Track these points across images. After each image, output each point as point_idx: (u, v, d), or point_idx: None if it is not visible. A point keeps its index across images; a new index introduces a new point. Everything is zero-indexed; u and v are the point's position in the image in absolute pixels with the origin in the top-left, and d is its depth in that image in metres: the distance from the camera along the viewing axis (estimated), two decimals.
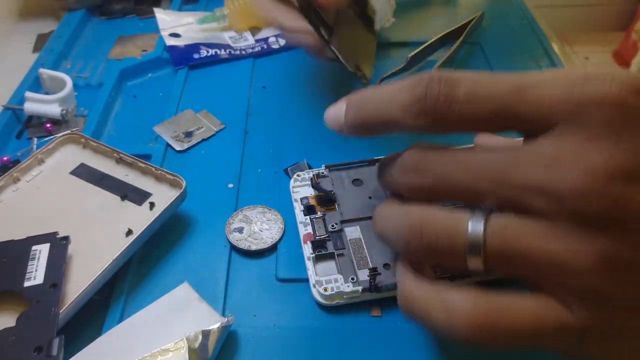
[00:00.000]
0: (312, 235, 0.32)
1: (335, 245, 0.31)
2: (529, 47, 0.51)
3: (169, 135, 0.41)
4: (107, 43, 0.53)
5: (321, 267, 0.31)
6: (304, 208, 0.34)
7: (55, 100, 0.43)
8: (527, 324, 0.21)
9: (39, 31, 0.59)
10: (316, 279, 0.30)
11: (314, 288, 0.30)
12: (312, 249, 0.31)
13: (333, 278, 0.30)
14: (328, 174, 0.35)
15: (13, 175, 0.35)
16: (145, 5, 0.58)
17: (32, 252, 0.30)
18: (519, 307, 0.21)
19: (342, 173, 0.35)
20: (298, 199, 0.35)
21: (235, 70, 0.49)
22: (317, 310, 0.30)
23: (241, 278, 0.32)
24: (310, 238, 0.32)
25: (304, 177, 0.36)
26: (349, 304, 0.30)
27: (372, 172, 0.35)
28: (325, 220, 0.33)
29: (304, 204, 0.34)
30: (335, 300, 0.30)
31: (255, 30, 0.53)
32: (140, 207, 0.34)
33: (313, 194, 0.35)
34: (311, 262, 0.31)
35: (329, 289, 0.30)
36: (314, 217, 0.33)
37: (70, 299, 0.28)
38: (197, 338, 0.26)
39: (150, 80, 0.49)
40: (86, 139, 0.38)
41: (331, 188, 0.34)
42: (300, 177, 0.36)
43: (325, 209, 0.34)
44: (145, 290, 0.31)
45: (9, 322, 0.27)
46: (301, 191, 0.35)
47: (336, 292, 0.29)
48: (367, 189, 0.34)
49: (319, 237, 0.32)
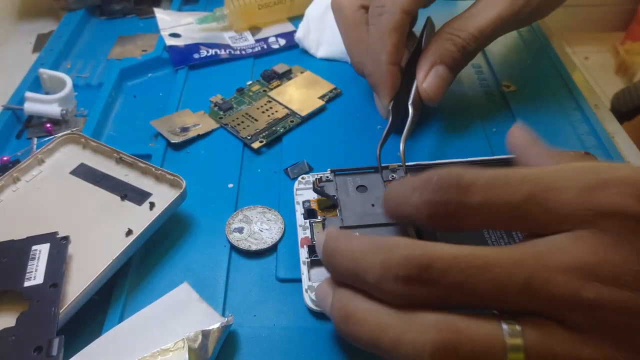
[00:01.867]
0: (310, 240, 0.32)
1: None
2: (528, 47, 0.51)
3: (165, 129, 0.41)
4: (107, 43, 0.53)
5: (315, 272, 0.31)
6: (305, 211, 0.34)
7: (55, 100, 0.43)
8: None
9: (39, 31, 0.59)
10: (309, 284, 0.30)
11: (306, 293, 0.30)
12: (307, 253, 0.31)
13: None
14: (333, 179, 0.35)
15: (13, 175, 0.35)
16: (145, 5, 0.58)
17: (32, 252, 0.30)
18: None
19: (347, 178, 0.35)
20: (300, 202, 0.34)
21: (235, 70, 0.49)
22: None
23: (241, 278, 0.32)
24: (307, 242, 0.32)
25: (308, 180, 0.36)
26: None
27: (377, 178, 0.35)
28: (325, 225, 0.33)
29: (306, 207, 0.34)
30: None
31: (255, 30, 0.53)
32: (140, 207, 0.34)
33: (316, 197, 0.35)
34: (306, 267, 0.31)
35: None
36: (314, 221, 0.33)
37: (70, 299, 0.28)
38: (197, 338, 0.26)
39: (150, 80, 0.49)
40: (86, 139, 0.38)
41: (334, 193, 0.34)
42: (304, 179, 0.36)
43: (326, 214, 0.33)
44: (145, 290, 0.31)
45: (9, 322, 0.27)
46: (305, 194, 0.35)
47: None
48: (371, 195, 0.34)
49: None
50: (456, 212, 0.22)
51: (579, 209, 0.20)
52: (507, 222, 0.22)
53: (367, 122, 0.42)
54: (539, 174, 0.22)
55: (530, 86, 0.46)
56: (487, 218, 0.22)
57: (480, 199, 0.21)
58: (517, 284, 0.20)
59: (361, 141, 0.40)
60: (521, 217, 0.21)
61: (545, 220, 0.21)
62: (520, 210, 0.21)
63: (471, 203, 0.21)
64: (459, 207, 0.22)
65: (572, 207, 0.20)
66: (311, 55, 0.50)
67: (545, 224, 0.21)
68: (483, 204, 0.21)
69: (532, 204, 0.21)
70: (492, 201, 0.21)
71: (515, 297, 0.20)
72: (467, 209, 0.22)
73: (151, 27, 0.55)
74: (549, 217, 0.21)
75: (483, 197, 0.21)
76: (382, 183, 0.35)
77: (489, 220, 0.22)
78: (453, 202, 0.22)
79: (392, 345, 0.21)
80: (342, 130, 0.42)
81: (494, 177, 0.22)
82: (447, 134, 0.41)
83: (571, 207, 0.20)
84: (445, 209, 0.22)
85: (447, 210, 0.22)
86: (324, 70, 0.48)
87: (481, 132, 0.41)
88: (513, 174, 0.22)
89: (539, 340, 0.20)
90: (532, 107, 0.43)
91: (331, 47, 0.49)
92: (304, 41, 0.50)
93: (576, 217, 0.20)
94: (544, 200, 0.21)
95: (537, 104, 0.44)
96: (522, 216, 0.21)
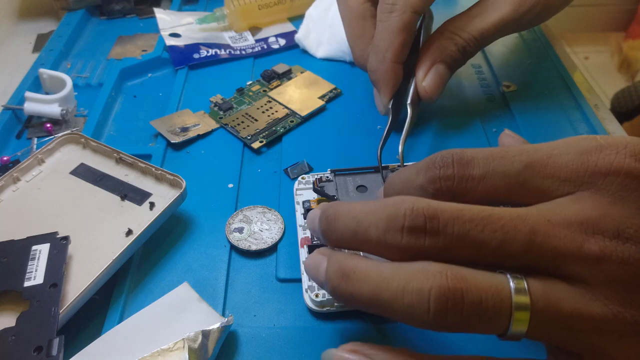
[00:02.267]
0: (310, 240, 0.32)
1: None
2: (529, 47, 0.51)
3: (165, 129, 0.41)
4: (107, 43, 0.53)
5: None
6: (305, 211, 0.34)
7: (55, 100, 0.43)
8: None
9: (39, 31, 0.59)
10: (309, 284, 0.30)
11: (306, 293, 0.30)
12: (307, 253, 0.31)
13: None
14: (333, 179, 0.35)
15: (13, 175, 0.35)
16: (145, 5, 0.58)
17: (32, 252, 0.30)
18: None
19: (347, 178, 0.35)
20: (300, 202, 0.34)
21: (235, 70, 0.49)
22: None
23: (241, 278, 0.32)
24: (307, 242, 0.32)
25: (308, 180, 0.36)
26: (340, 312, 0.29)
27: (377, 178, 0.35)
28: None
29: (305, 207, 0.34)
30: (325, 307, 0.29)
31: (255, 30, 0.53)
32: (140, 207, 0.34)
33: (316, 197, 0.35)
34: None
35: (320, 295, 0.29)
36: None
37: (70, 299, 0.28)
38: (197, 338, 0.26)
39: (150, 80, 0.49)
40: (86, 139, 0.38)
41: (334, 193, 0.34)
42: (304, 179, 0.36)
43: None
44: (145, 290, 0.31)
45: (9, 322, 0.27)
46: (305, 194, 0.35)
47: (327, 299, 0.29)
48: (371, 195, 0.34)
49: (316, 241, 0.32)
50: (459, 185, 0.23)
51: (577, 170, 0.21)
52: (508, 192, 0.22)
53: (367, 122, 0.42)
54: (536, 147, 0.23)
55: (530, 86, 0.46)
56: (489, 189, 0.23)
57: (481, 171, 0.22)
58: (521, 237, 0.20)
59: (361, 141, 0.40)
60: (521, 185, 0.22)
61: (545, 185, 0.22)
62: (519, 178, 0.22)
63: (473, 175, 0.23)
64: (461, 180, 0.23)
65: (570, 170, 0.21)
66: (311, 56, 0.50)
67: (546, 189, 0.22)
68: (484, 175, 0.22)
69: (531, 171, 0.22)
70: (493, 172, 0.22)
71: (519, 251, 0.20)
72: (469, 182, 0.23)
73: (151, 27, 0.55)
74: (548, 182, 0.22)
75: (484, 169, 0.22)
76: (382, 183, 0.35)
77: (490, 190, 0.23)
78: (456, 176, 0.23)
79: (395, 297, 0.20)
80: (342, 130, 0.42)
81: (493, 151, 0.23)
82: (447, 134, 0.41)
83: (569, 170, 0.21)
84: (449, 184, 0.23)
85: (451, 184, 0.23)
86: (324, 70, 0.48)
87: (481, 132, 0.41)
88: (511, 148, 0.23)
89: (545, 295, 0.20)
90: (532, 107, 0.43)
91: (331, 47, 0.49)
92: (304, 41, 0.50)
93: (575, 180, 0.21)
94: (543, 167, 0.22)
95: (537, 104, 0.44)
96: (521, 184, 0.22)
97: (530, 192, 0.22)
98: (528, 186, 0.22)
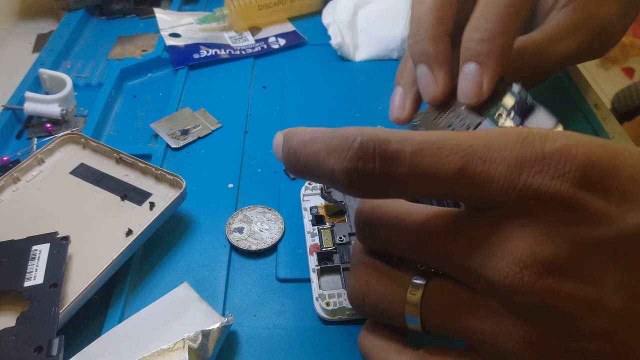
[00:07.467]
0: (319, 247, 0.31)
1: (341, 259, 0.31)
2: None
3: (165, 132, 0.41)
4: (107, 43, 0.53)
5: (326, 280, 0.30)
6: (313, 218, 0.33)
7: (55, 100, 0.43)
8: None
9: (39, 31, 0.59)
10: (319, 292, 0.29)
11: (317, 301, 0.29)
12: (317, 260, 0.31)
13: (337, 292, 0.29)
14: None
15: (13, 175, 0.35)
16: (145, 5, 0.58)
17: (32, 252, 0.30)
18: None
19: None
20: (308, 208, 0.34)
21: (235, 70, 0.49)
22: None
23: (241, 278, 0.32)
24: (316, 249, 0.31)
25: (315, 185, 0.35)
26: (351, 319, 0.29)
27: None
28: (334, 231, 0.32)
29: (313, 213, 0.34)
30: (337, 315, 0.29)
31: (255, 30, 0.53)
32: (140, 207, 0.34)
33: (323, 203, 0.34)
34: (315, 275, 0.30)
35: (331, 303, 0.29)
36: (322, 228, 0.32)
37: (70, 299, 0.28)
38: (197, 338, 0.26)
39: (150, 80, 0.49)
40: (86, 139, 0.38)
41: (342, 199, 0.33)
42: (311, 185, 0.35)
43: (334, 220, 0.33)
44: (145, 290, 0.31)
45: (9, 322, 0.27)
46: (311, 200, 0.35)
47: (339, 307, 0.29)
48: None
49: (326, 249, 0.31)
50: (379, 183, 0.20)
51: (505, 187, 0.19)
52: (436, 196, 0.22)
53: (371, 123, 0.42)
54: (472, 142, 0.19)
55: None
56: (412, 192, 0.20)
57: (407, 170, 0.19)
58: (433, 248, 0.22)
59: None
60: (451, 192, 0.20)
61: (475, 198, 0.20)
62: (450, 184, 0.19)
63: (397, 174, 0.20)
64: (382, 179, 0.20)
65: (499, 186, 0.19)
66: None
67: (476, 201, 0.20)
68: (410, 175, 0.20)
69: (462, 178, 0.19)
70: (421, 173, 0.19)
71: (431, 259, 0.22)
72: (391, 182, 0.20)
73: (151, 27, 0.55)
74: (478, 195, 0.19)
75: (410, 168, 0.19)
76: None
77: (416, 192, 0.21)
78: (376, 173, 0.20)
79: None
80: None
81: (423, 145, 0.20)
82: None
83: (498, 185, 0.19)
84: (366, 180, 0.20)
85: (369, 180, 0.20)
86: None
87: None
88: (445, 141, 0.20)
89: (438, 298, 0.22)
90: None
91: (368, 49, 0.50)
92: (342, 48, 0.50)
93: (503, 197, 0.19)
94: (475, 176, 0.19)
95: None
96: (452, 192, 0.20)
97: (460, 200, 0.21)
98: (458, 195, 0.20)
